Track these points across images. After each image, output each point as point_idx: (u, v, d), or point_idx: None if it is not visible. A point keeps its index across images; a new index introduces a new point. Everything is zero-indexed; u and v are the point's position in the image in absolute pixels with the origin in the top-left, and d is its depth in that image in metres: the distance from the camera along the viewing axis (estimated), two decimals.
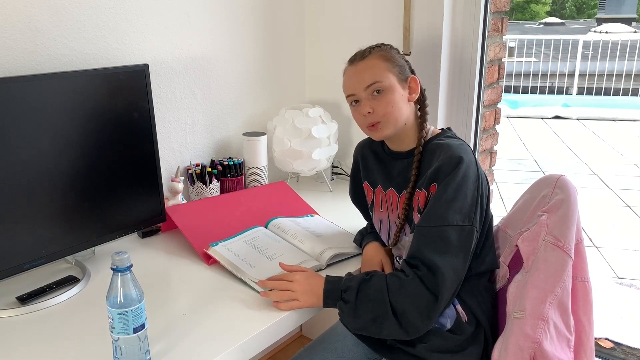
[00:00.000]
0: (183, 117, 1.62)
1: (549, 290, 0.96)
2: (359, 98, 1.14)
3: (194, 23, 1.59)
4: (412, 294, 1.00)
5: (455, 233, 1.01)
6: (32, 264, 1.13)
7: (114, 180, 1.25)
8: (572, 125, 7.10)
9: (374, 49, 1.16)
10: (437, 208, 1.03)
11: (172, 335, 0.99)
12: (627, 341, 2.15)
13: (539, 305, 0.95)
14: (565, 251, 0.97)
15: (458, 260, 1.01)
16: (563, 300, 0.96)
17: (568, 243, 0.98)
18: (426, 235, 1.03)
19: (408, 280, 1.01)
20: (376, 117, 1.12)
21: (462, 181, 1.03)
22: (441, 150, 1.09)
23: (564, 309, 0.97)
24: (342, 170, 1.96)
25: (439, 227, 1.02)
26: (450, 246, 1.01)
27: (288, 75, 1.95)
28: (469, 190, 1.03)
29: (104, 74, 1.19)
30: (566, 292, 0.97)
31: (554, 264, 0.97)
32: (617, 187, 4.54)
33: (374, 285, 1.03)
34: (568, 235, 0.98)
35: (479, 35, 1.63)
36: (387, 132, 1.14)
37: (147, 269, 1.26)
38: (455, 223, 1.01)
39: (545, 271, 0.97)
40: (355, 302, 1.03)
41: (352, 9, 1.80)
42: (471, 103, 1.69)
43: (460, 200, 1.02)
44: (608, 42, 9.07)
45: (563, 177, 1.05)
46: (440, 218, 1.02)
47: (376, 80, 1.11)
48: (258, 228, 1.41)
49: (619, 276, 2.95)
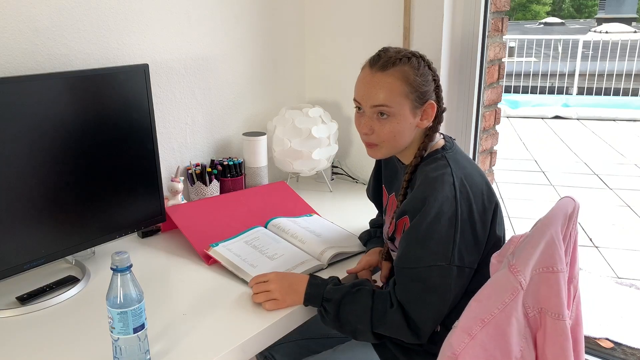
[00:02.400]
0: (183, 117, 1.62)
1: (485, 308, 0.87)
2: (363, 110, 1.08)
3: (194, 23, 1.59)
4: (395, 327, 1.00)
5: (432, 273, 0.98)
6: (32, 264, 1.13)
7: (114, 180, 1.25)
8: (572, 125, 7.09)
9: (401, 60, 1.04)
10: (411, 248, 1.00)
11: (172, 335, 0.99)
12: (627, 341, 2.15)
13: (470, 320, 0.87)
14: (513, 274, 0.87)
15: (442, 304, 0.98)
16: (501, 326, 0.86)
17: (521, 267, 0.86)
18: (405, 276, 1.01)
19: (392, 311, 1.00)
20: (374, 140, 1.08)
21: (433, 220, 0.98)
22: (421, 179, 1.04)
23: (500, 335, 0.86)
24: (342, 170, 1.96)
25: (416, 270, 0.99)
26: (429, 287, 0.98)
27: (288, 75, 1.94)
28: (442, 229, 0.98)
29: (104, 74, 1.19)
30: (506, 319, 0.86)
31: (499, 283, 0.88)
32: (617, 187, 4.53)
33: (359, 302, 1.03)
34: (524, 258, 0.87)
35: (479, 35, 1.63)
36: (382, 155, 1.11)
37: (147, 269, 1.26)
38: (431, 264, 0.98)
39: (489, 288, 0.89)
40: (336, 315, 1.04)
41: (352, 9, 1.80)
42: (471, 103, 1.69)
43: (435, 239, 0.98)
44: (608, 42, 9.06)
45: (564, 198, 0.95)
46: (416, 259, 0.99)
47: (385, 105, 1.04)
48: (258, 228, 1.41)
49: (619, 276, 2.95)
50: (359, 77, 1.09)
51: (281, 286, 1.08)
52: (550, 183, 4.68)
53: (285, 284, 1.09)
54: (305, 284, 1.08)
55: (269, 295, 1.08)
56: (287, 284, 1.09)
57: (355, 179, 1.94)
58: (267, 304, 1.08)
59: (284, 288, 1.08)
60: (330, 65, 1.92)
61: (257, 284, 1.11)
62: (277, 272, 1.13)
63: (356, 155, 1.94)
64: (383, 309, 1.01)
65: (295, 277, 1.11)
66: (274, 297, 1.08)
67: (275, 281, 1.09)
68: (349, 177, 1.95)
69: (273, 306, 1.07)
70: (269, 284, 1.09)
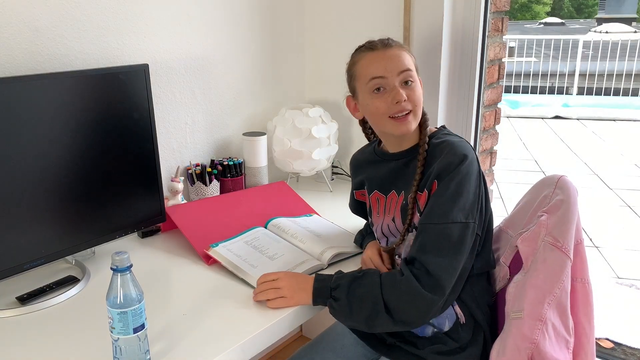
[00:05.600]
0: (183, 117, 1.62)
1: (547, 291, 0.95)
2: (387, 84, 1.07)
3: (194, 23, 1.59)
4: (407, 292, 0.99)
5: (457, 230, 1.01)
6: (32, 264, 1.13)
7: (114, 180, 1.25)
8: (572, 125, 7.09)
9: (392, 40, 1.12)
10: (440, 205, 1.03)
11: (172, 335, 0.99)
12: (627, 341, 2.15)
13: (537, 306, 0.95)
14: (564, 252, 0.97)
15: (456, 259, 1.00)
16: (562, 302, 0.96)
17: (567, 244, 0.97)
18: (428, 233, 1.03)
19: (403, 279, 1.00)
20: (410, 106, 1.08)
21: (465, 178, 1.02)
22: (442, 148, 1.07)
23: (562, 310, 0.96)
24: (342, 170, 1.96)
25: (442, 225, 1.01)
26: (450, 244, 1.00)
27: (288, 75, 1.94)
28: (471, 187, 1.03)
29: (104, 74, 1.19)
30: (565, 293, 0.96)
31: (553, 264, 0.97)
32: (617, 187, 4.54)
33: (367, 282, 1.03)
34: (567, 236, 0.98)
35: (479, 35, 1.63)
36: (413, 125, 1.10)
37: (147, 269, 1.26)
38: (459, 220, 1.01)
39: (544, 272, 0.96)
40: (346, 299, 1.03)
41: (352, 9, 1.80)
42: (471, 103, 1.69)
43: (464, 197, 1.02)
44: (608, 42, 9.07)
45: (564, 178, 1.05)
46: (444, 215, 1.01)
47: (409, 69, 1.08)
48: (258, 228, 1.41)
49: (619, 276, 2.95)
50: (367, 60, 1.10)
51: (290, 284, 1.08)
52: None
53: (293, 283, 1.09)
54: (312, 282, 1.09)
55: (278, 292, 1.08)
56: (295, 283, 1.09)
57: None
58: (274, 302, 1.07)
59: (293, 286, 1.08)
60: (330, 65, 1.92)
61: (265, 282, 1.11)
62: (286, 272, 1.14)
63: None
64: (392, 278, 1.02)
65: (303, 277, 1.11)
66: (283, 294, 1.07)
67: (284, 279, 1.09)
68: (349, 177, 1.94)
69: (281, 304, 1.07)
70: (279, 281, 1.09)
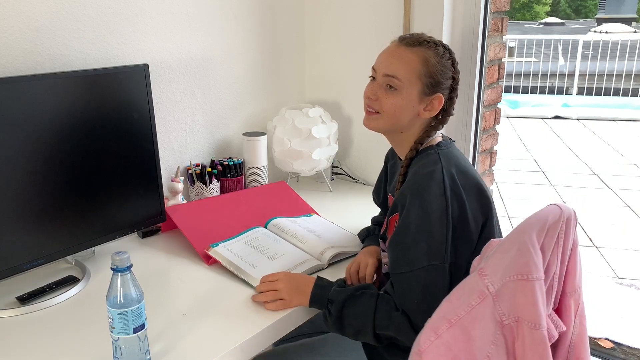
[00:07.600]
0: (183, 117, 1.62)
1: (453, 309, 0.86)
2: (376, 76, 1.09)
3: (194, 23, 1.59)
4: (403, 330, 0.98)
5: (425, 274, 0.97)
6: (32, 264, 1.13)
7: (114, 180, 1.25)
8: (572, 125, 7.09)
9: (428, 43, 1.06)
10: (403, 251, 1.00)
11: (172, 335, 0.99)
12: (627, 341, 2.15)
13: (438, 319, 0.87)
14: (481, 278, 0.86)
15: (433, 301, 0.94)
16: (467, 328, 0.85)
17: (489, 271, 0.86)
18: (402, 282, 1.00)
19: (398, 314, 0.99)
20: (376, 106, 1.08)
21: (422, 219, 0.97)
22: (409, 177, 1.04)
23: (466, 337, 0.85)
24: (342, 170, 1.96)
25: (411, 273, 0.98)
26: (427, 289, 0.97)
27: (288, 75, 1.94)
28: (433, 228, 0.97)
29: (104, 74, 1.19)
30: (473, 322, 0.85)
31: (469, 286, 0.87)
32: (617, 187, 4.53)
33: (362, 305, 1.02)
34: (492, 262, 0.86)
35: (479, 35, 1.63)
36: (377, 127, 1.10)
37: (147, 269, 1.26)
38: (422, 265, 0.97)
39: (459, 290, 0.88)
40: (338, 316, 1.03)
41: (352, 9, 1.80)
42: (471, 103, 1.69)
43: (426, 239, 0.97)
44: (608, 42, 9.06)
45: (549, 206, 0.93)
46: (410, 262, 0.98)
47: (396, 76, 1.05)
48: (258, 228, 1.41)
49: (619, 276, 2.95)
50: (384, 50, 1.11)
51: (289, 286, 1.08)
52: (550, 183, 4.68)
53: (293, 284, 1.09)
54: (312, 285, 1.08)
55: (276, 295, 1.08)
56: (295, 285, 1.09)
57: (355, 179, 1.94)
58: (272, 304, 1.07)
59: (292, 288, 1.08)
60: (330, 65, 1.92)
61: (265, 283, 1.10)
62: (286, 272, 1.13)
63: (356, 156, 1.94)
64: (388, 312, 1.00)
65: (303, 278, 1.11)
66: (281, 297, 1.07)
67: (283, 281, 1.09)
68: (349, 177, 1.95)
69: (280, 306, 1.07)
70: (278, 283, 1.09)
